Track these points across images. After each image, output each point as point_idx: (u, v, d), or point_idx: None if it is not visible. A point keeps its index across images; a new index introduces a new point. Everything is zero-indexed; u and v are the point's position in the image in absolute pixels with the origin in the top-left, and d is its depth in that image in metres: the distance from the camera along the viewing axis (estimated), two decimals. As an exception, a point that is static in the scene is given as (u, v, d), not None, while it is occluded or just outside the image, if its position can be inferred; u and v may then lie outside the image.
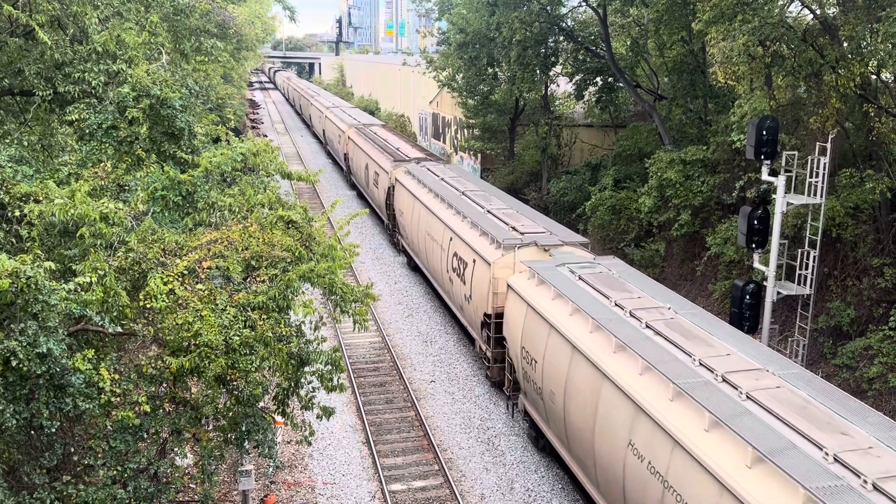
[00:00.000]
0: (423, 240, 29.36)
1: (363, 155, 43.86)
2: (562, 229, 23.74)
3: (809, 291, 19.36)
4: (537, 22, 33.44)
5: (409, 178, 33.24)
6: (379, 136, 45.83)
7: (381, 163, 38.41)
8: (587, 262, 19.60)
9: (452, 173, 32.68)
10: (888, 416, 12.28)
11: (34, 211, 10.90)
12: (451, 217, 26.35)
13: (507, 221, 23.95)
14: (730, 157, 26.40)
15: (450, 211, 26.77)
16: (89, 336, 11.43)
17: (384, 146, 41.85)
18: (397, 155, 38.34)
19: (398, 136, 47.22)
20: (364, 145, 44.62)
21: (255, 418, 12.04)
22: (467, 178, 32.37)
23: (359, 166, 45.81)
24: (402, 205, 33.27)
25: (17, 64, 14.57)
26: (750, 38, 19.70)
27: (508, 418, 20.95)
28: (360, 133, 48.57)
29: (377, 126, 53.05)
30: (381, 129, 51.17)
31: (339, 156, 55.48)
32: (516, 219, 24.39)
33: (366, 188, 44.12)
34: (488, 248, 22.29)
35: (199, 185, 12.59)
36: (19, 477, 10.60)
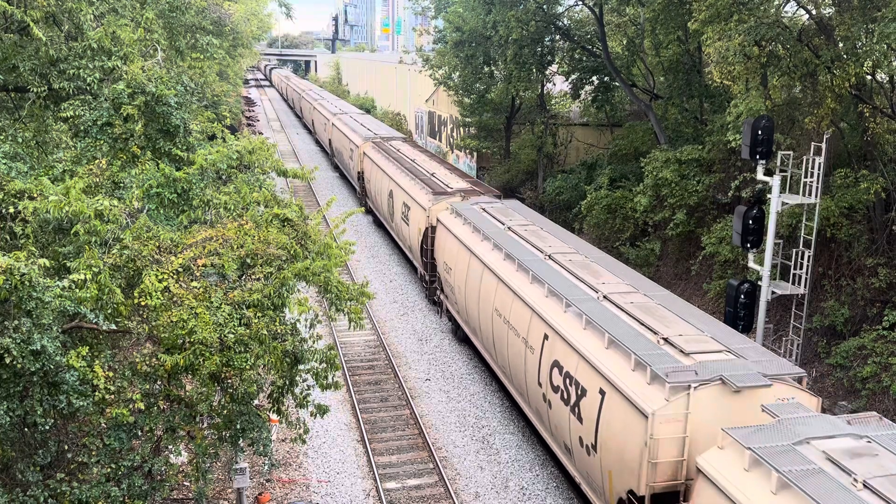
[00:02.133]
0: (487, 317, 20.90)
1: (385, 179, 35.94)
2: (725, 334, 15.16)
3: (804, 291, 19.42)
4: (534, 21, 33.44)
5: (459, 221, 24.80)
6: (406, 157, 37.14)
7: (415, 194, 30.17)
8: None
9: (521, 218, 24.05)
10: (887, 417, 12.39)
11: (28, 208, 10.87)
12: (542, 298, 17.67)
13: (650, 326, 15.02)
14: (725, 156, 26.45)
15: (538, 288, 18.07)
16: (83, 333, 11.42)
17: (415, 171, 33.21)
18: (435, 185, 29.99)
19: (430, 157, 38.20)
20: (386, 166, 36.46)
21: (250, 416, 12.05)
22: (542, 224, 23.43)
23: (378, 191, 37.81)
24: (448, 256, 24.96)
25: (11, 60, 14.53)
26: (746, 37, 19.73)
27: (504, 416, 20.99)
28: (378, 149, 40.38)
29: (398, 140, 43.77)
30: (405, 145, 42.03)
31: (351, 173, 47.29)
32: (667, 322, 15.24)
33: (389, 220, 35.92)
34: (637, 382, 13.50)
35: (194, 183, 12.57)
36: (13, 474, 10.58)
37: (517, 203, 27.34)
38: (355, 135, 46.54)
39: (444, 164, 36.52)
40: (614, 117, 39.06)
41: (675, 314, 15.77)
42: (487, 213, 24.68)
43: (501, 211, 24.98)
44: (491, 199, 27.43)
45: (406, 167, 34.02)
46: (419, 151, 39.73)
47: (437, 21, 45.65)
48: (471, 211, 24.91)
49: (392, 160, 36.55)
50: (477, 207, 25.40)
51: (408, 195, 31.10)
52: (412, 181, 31.56)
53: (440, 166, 34.77)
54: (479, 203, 26.11)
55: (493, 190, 30.10)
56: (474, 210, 25.06)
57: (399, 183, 32.97)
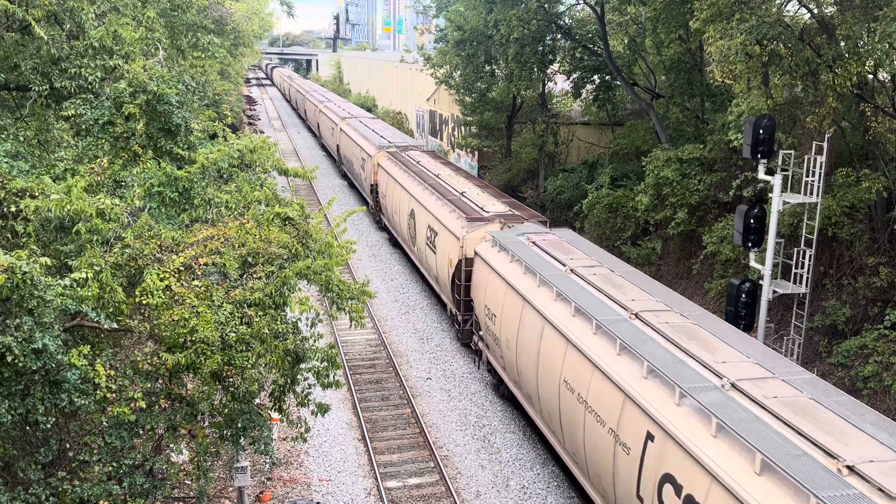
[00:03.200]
0: (550, 388, 16.58)
1: (404, 196, 32.26)
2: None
3: (805, 290, 19.41)
4: (535, 20, 33.43)
5: (504, 257, 20.51)
6: (428, 171, 32.96)
7: (444, 218, 26.17)
8: None
9: (582, 255, 19.65)
10: (889, 417, 12.34)
11: (30, 206, 10.88)
12: (637, 379, 13.27)
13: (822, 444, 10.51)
14: (726, 155, 26.43)
15: (631, 365, 13.69)
16: (85, 332, 11.43)
17: (441, 189, 29.23)
18: (468, 208, 25.87)
19: (455, 171, 33.75)
20: (406, 182, 32.61)
21: (251, 415, 12.05)
22: (611, 265, 19.09)
23: (396, 209, 33.90)
24: (492, 299, 20.63)
25: (13, 59, 14.55)
26: (747, 36, 19.70)
27: (505, 416, 20.99)
28: (395, 161, 36.51)
29: (417, 150, 39.65)
30: (425, 156, 37.56)
31: (363, 185, 43.37)
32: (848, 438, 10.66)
33: (409, 243, 31.88)
34: None
35: (195, 182, 12.58)
36: (14, 473, 10.59)
37: (570, 233, 22.85)
38: (367, 143, 42.75)
39: (473, 179, 32.44)
40: (615, 116, 39.06)
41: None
42: (539, 247, 20.50)
43: (555, 245, 20.64)
44: (538, 228, 23.14)
45: (430, 184, 30.15)
46: (442, 164, 35.43)
47: (439, 20, 45.65)
48: (517, 244, 20.73)
49: (412, 174, 32.69)
50: (524, 239, 21.22)
51: (434, 218, 27.18)
52: (439, 202, 27.71)
53: (469, 183, 30.47)
54: (526, 233, 21.85)
55: (536, 214, 25.46)
56: (521, 243, 20.90)
57: (423, 202, 29.15)
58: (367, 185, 41.32)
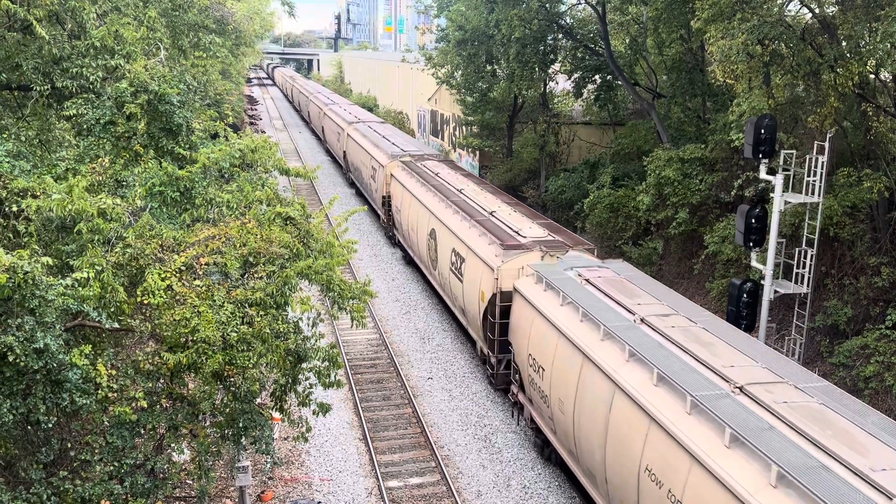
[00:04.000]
0: (628, 477, 13.32)
1: (422, 212, 29.00)
2: None
3: (806, 290, 19.40)
4: (536, 19, 33.41)
5: (552, 297, 17.38)
6: (449, 185, 29.60)
7: (473, 243, 22.74)
8: None
9: (651, 300, 16.42)
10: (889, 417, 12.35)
11: (31, 206, 10.89)
12: (762, 490, 10.15)
13: None
14: (728, 155, 26.41)
15: (740, 459, 10.74)
16: (86, 332, 11.43)
17: (467, 207, 25.91)
18: (502, 232, 22.58)
19: (479, 184, 30.62)
20: (424, 197, 29.46)
21: (252, 415, 12.06)
22: (688, 311, 15.78)
23: (413, 226, 30.70)
24: (538, 348, 17.42)
25: (14, 59, 14.56)
26: (749, 36, 19.69)
27: (506, 415, 20.98)
28: (410, 171, 33.42)
29: (434, 160, 36.29)
30: (444, 166, 34.22)
31: (373, 196, 40.15)
32: None
33: (429, 266, 28.28)
34: None
35: (196, 181, 12.59)
36: (16, 472, 10.59)
37: (626, 266, 19.37)
38: (378, 151, 39.78)
39: (501, 194, 28.77)
40: (617, 116, 39.04)
41: None
42: (594, 285, 17.26)
43: (614, 284, 17.35)
44: (588, 260, 19.93)
45: (453, 201, 26.94)
46: (463, 176, 32.07)
47: (440, 20, 45.62)
48: (567, 281, 17.50)
49: (431, 188, 29.51)
50: (574, 275, 18.08)
51: (461, 242, 23.81)
52: (465, 223, 24.42)
53: (498, 200, 27.06)
54: (575, 267, 18.71)
55: (581, 241, 22.10)
56: (571, 280, 17.61)
57: (446, 222, 25.79)
58: (377, 197, 38.35)
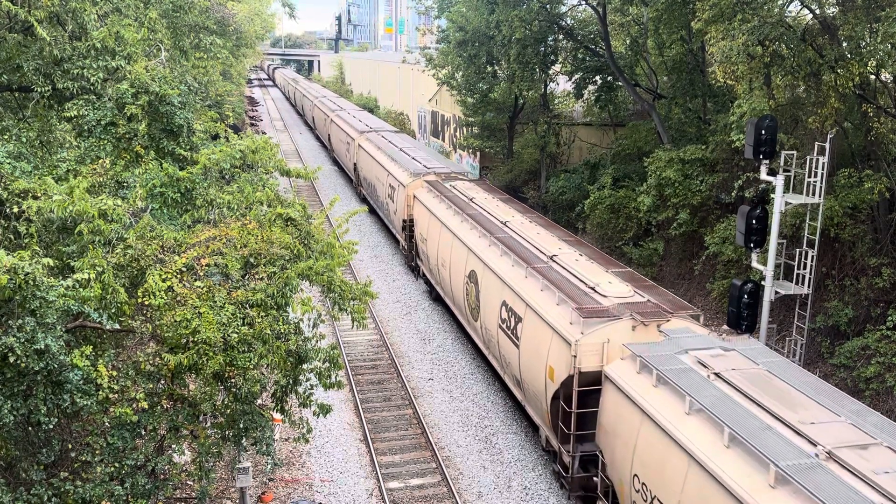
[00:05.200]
0: None
1: (457, 246, 24.14)
2: None
3: (807, 291, 19.39)
4: (537, 20, 33.41)
5: (677, 404, 12.89)
6: (490, 215, 24.42)
7: (536, 301, 17.77)
8: None
9: (824, 411, 12.01)
10: (886, 417, 12.38)
11: (32, 207, 10.90)
12: None
13: None
14: (728, 156, 26.41)
15: None
16: (87, 333, 11.45)
17: (516, 246, 20.75)
18: (576, 292, 17.11)
19: (525, 213, 25.09)
20: (458, 227, 24.60)
21: (253, 415, 12.06)
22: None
23: (444, 260, 25.72)
24: (663, 477, 12.71)
25: (15, 60, 14.57)
26: (749, 37, 19.69)
27: (507, 416, 20.99)
28: (437, 194, 28.50)
29: (465, 181, 31.02)
30: (478, 188, 29.25)
31: (391, 218, 35.26)
32: None
33: (467, 313, 23.06)
34: None
35: (197, 182, 12.60)
36: (17, 473, 10.60)
37: (761, 349, 14.71)
38: (397, 167, 35.13)
39: (555, 228, 23.28)
40: (617, 117, 39.05)
41: None
42: (729, 383, 12.92)
43: (758, 382, 12.89)
44: (703, 337, 15.16)
45: (499, 238, 21.68)
46: (502, 201, 26.93)
47: (440, 21, 45.65)
48: (687, 374, 13.25)
49: (467, 218, 24.53)
50: (692, 362, 13.73)
51: (516, 295, 18.75)
52: (521, 269, 19.29)
53: (555, 237, 21.53)
54: (691, 350, 14.21)
55: (682, 303, 16.72)
56: (694, 374, 13.28)
57: (492, 266, 20.72)
58: (396, 220, 33.70)
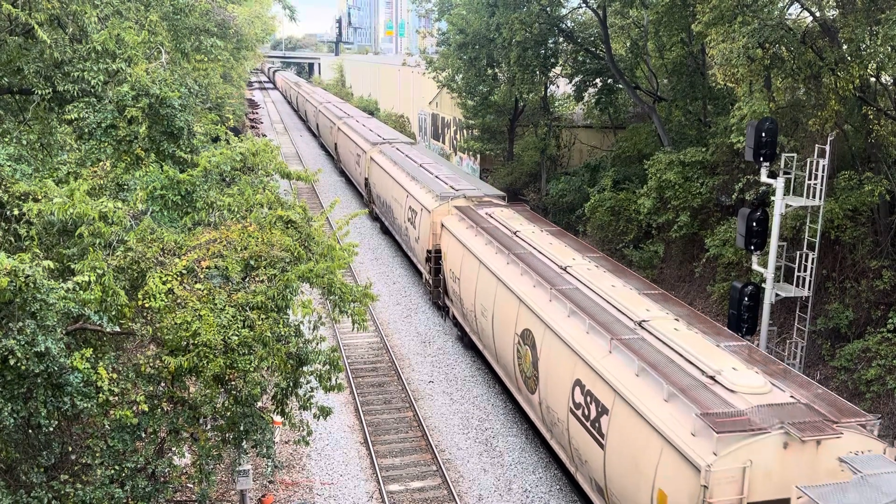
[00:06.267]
0: None
1: (504, 297, 19.77)
2: None
3: (808, 293, 19.37)
4: (537, 23, 33.44)
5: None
6: (545, 258, 19.96)
7: (629, 389, 13.57)
8: None
9: None
10: (885, 420, 12.31)
11: (33, 210, 10.90)
12: None
13: None
14: (729, 158, 26.40)
15: None
16: (87, 335, 11.44)
17: (586, 302, 16.81)
18: (685, 380, 12.94)
19: (584, 251, 20.75)
20: (504, 271, 20.16)
21: (254, 418, 12.05)
22: None
23: (484, 308, 21.17)
24: None
25: (16, 62, 14.56)
26: (749, 39, 19.69)
27: (507, 419, 20.96)
28: (472, 225, 23.55)
29: (501, 207, 26.17)
30: (520, 219, 24.02)
31: (411, 246, 30.73)
32: None
33: (520, 383, 18.90)
34: None
35: (198, 185, 12.60)
36: (17, 476, 10.59)
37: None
38: (418, 187, 30.24)
39: (628, 276, 18.78)
40: (617, 119, 39.05)
41: None
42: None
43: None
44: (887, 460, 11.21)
45: (562, 290, 17.47)
46: (551, 234, 22.32)
47: (441, 23, 45.69)
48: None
49: (515, 259, 19.96)
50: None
51: (599, 378, 14.34)
52: (601, 340, 15.05)
53: (632, 290, 17.44)
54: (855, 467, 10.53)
55: (851, 408, 12.35)
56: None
57: (558, 329, 16.46)
58: (419, 249, 28.71)
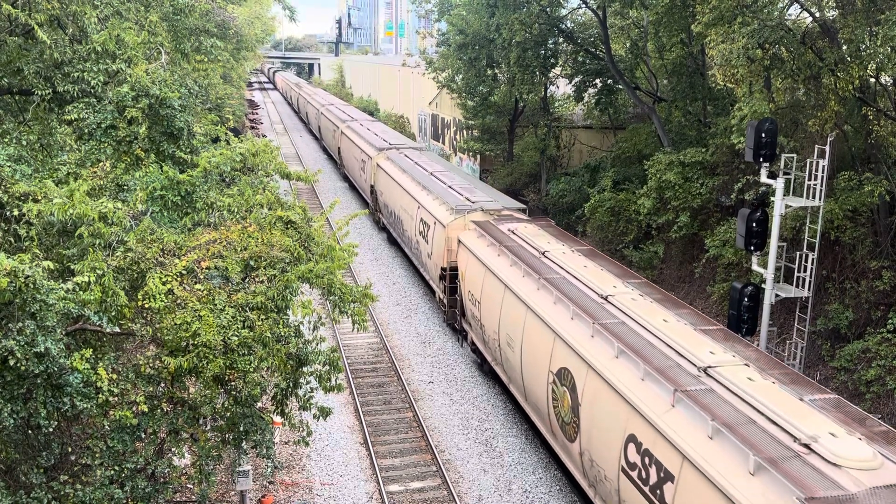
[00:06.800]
0: None
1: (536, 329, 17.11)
2: None
3: (808, 294, 19.36)
4: (537, 23, 33.44)
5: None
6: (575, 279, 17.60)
7: (701, 454, 11.00)
8: None
9: None
10: (885, 421, 12.34)
11: (33, 210, 10.89)
12: None
13: None
14: (729, 159, 26.41)
15: None
16: (87, 336, 11.44)
17: (638, 343, 13.90)
18: (798, 471, 9.80)
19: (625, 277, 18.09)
20: (534, 298, 17.52)
21: (253, 418, 12.05)
22: None
23: (510, 338, 18.67)
24: None
25: (16, 63, 14.56)
26: (749, 40, 19.69)
27: (507, 419, 20.96)
28: (492, 240, 21.00)
29: (525, 222, 23.29)
30: (549, 237, 21.20)
31: (423, 261, 27.54)
32: None
33: (558, 433, 16.39)
34: None
35: (197, 185, 12.60)
36: (16, 476, 10.59)
37: None
38: (432, 199, 26.87)
39: (683, 307, 16.31)
40: (617, 120, 39.06)
41: None
42: None
43: None
44: None
45: (605, 325, 14.75)
46: (583, 253, 19.42)
47: (441, 24, 45.71)
48: None
49: (544, 283, 17.29)
50: None
51: (656, 430, 12.20)
52: (659, 389, 12.64)
53: (684, 324, 14.97)
54: None
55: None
56: None
57: (601, 368, 14.04)
58: (431, 266, 25.15)
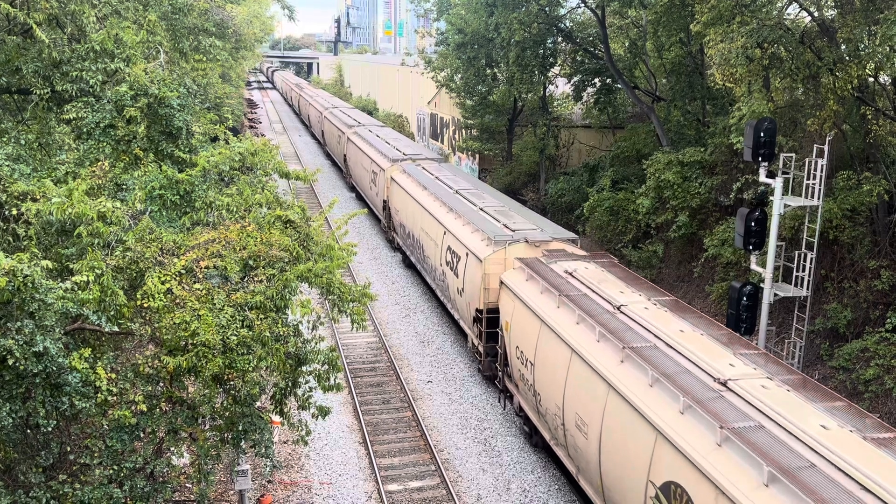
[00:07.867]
0: None
1: (593, 384, 14.43)
2: None
3: (806, 293, 19.38)
4: (536, 23, 33.44)
5: None
6: (673, 347, 13.85)
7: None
8: None
9: None
10: (885, 420, 12.36)
11: (31, 209, 10.89)
12: None
13: None
14: (728, 158, 26.43)
15: None
16: (86, 335, 11.44)
17: (766, 446, 10.46)
18: None
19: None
20: (611, 366, 14.02)
21: (252, 418, 12.05)
22: None
23: (582, 418, 14.80)
24: None
25: (14, 62, 14.57)
26: (748, 39, 19.70)
27: (506, 419, 20.97)
28: (546, 284, 17.71)
29: (584, 261, 19.58)
30: (611, 278, 18.00)
31: (451, 297, 24.66)
32: None
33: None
34: None
35: (196, 185, 12.60)
36: (15, 476, 10.59)
37: None
38: (462, 225, 24.16)
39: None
40: (616, 119, 39.07)
41: None
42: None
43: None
44: None
45: (740, 432, 11.03)
46: (670, 308, 16.15)
47: (440, 23, 45.69)
48: None
49: (631, 353, 13.85)
50: None
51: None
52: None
53: (852, 430, 10.99)
54: None
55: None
56: None
57: (724, 484, 10.55)
58: (463, 305, 23.35)
